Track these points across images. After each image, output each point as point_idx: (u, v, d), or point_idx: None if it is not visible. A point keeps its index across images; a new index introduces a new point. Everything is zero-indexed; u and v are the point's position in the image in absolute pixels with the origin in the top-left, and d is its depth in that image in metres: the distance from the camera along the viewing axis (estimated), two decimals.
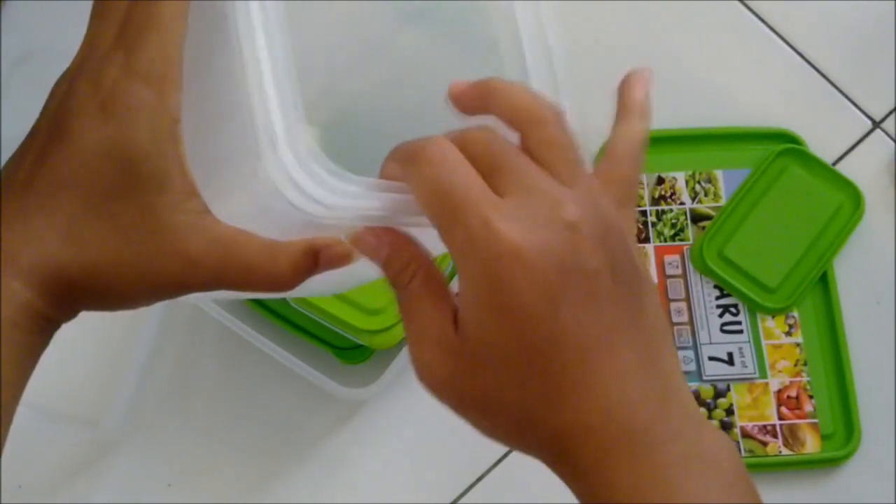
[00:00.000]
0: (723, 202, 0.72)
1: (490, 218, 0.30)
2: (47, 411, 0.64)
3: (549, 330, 0.30)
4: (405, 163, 0.32)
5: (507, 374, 0.31)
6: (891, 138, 0.77)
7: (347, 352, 0.68)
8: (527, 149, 0.33)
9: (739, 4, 0.81)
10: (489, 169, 0.31)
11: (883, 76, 0.79)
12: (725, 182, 0.73)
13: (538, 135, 0.33)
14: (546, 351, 0.31)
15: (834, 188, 0.72)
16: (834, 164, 0.75)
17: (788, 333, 0.69)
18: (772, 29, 0.80)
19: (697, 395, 0.67)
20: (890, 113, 0.78)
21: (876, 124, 0.77)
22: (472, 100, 0.35)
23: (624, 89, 0.38)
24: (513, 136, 0.33)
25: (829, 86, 0.78)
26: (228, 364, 0.69)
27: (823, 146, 0.75)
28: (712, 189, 0.73)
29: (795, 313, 0.70)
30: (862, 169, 0.75)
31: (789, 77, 0.79)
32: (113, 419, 0.65)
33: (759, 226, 0.71)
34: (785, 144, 0.73)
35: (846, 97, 0.78)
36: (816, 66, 0.79)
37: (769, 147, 0.73)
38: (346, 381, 0.64)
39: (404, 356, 0.64)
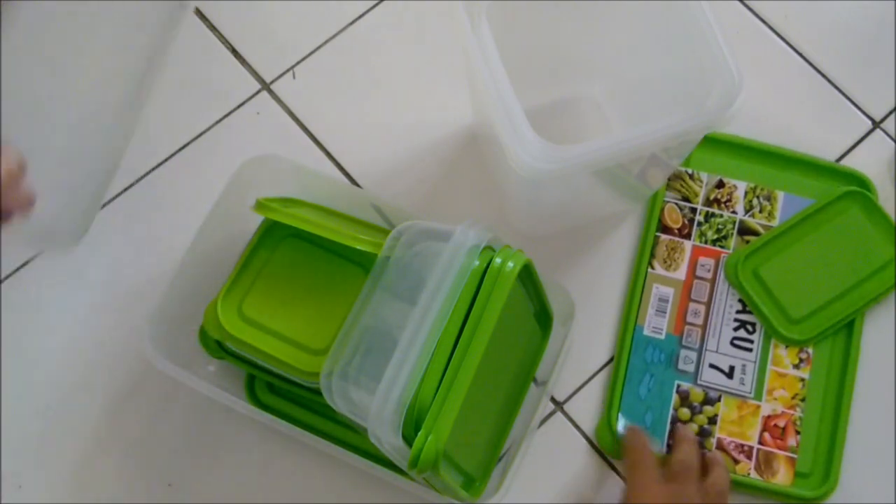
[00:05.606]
0: (776, 223, 0.72)
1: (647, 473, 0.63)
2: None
3: None
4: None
5: None
6: (891, 138, 0.76)
7: None
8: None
9: (739, 4, 0.80)
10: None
11: (883, 76, 0.78)
12: (784, 204, 0.73)
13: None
14: None
15: (890, 243, 0.71)
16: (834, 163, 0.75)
17: (797, 366, 0.69)
18: (772, 29, 0.79)
19: (686, 396, 0.68)
20: (890, 113, 0.77)
21: (876, 124, 0.76)
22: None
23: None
24: None
25: (829, 86, 0.77)
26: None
27: (823, 146, 0.75)
28: (769, 207, 0.73)
29: (810, 350, 0.69)
30: (862, 168, 0.74)
31: (789, 77, 0.78)
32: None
33: (802, 256, 0.71)
34: (854, 187, 0.72)
35: (846, 97, 0.77)
36: (816, 66, 0.78)
37: (837, 184, 0.73)
38: None
39: None
